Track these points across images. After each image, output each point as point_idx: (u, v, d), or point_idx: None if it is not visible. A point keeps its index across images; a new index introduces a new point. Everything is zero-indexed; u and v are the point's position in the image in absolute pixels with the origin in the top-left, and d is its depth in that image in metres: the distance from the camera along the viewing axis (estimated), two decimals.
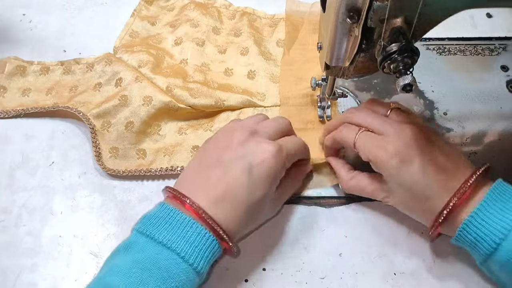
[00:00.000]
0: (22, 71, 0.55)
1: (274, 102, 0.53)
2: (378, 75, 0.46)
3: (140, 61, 0.54)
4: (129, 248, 0.35)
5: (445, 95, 0.53)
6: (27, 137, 0.51)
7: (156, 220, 0.36)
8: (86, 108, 0.51)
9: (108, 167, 0.48)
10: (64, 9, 0.63)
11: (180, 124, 0.52)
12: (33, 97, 0.54)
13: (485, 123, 0.51)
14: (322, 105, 0.51)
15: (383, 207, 0.46)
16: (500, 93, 0.53)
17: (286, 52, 0.57)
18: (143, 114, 0.50)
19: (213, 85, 0.54)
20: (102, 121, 0.50)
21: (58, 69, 0.56)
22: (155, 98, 0.50)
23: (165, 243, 0.35)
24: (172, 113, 0.51)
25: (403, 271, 0.42)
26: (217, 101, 0.51)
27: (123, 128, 0.49)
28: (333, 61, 0.39)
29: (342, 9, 0.33)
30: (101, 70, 0.54)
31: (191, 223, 0.36)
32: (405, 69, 0.33)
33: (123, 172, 0.48)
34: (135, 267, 0.34)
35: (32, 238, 0.45)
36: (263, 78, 0.55)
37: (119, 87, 0.52)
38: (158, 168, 0.48)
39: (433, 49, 0.57)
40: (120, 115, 0.50)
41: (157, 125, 0.51)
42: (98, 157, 0.48)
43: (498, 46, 0.57)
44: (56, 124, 0.52)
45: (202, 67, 0.56)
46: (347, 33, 0.35)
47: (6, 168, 0.49)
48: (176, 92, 0.51)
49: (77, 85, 0.54)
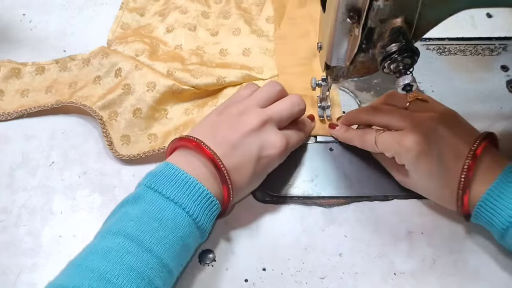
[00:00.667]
0: (17, 73, 0.55)
1: (272, 74, 0.55)
2: (378, 75, 0.46)
3: (136, 50, 0.55)
4: (138, 200, 0.38)
5: (445, 95, 0.53)
6: (27, 137, 0.51)
7: (162, 177, 0.39)
8: (90, 101, 0.51)
9: (122, 154, 0.49)
10: (64, 9, 0.63)
11: (185, 106, 0.53)
12: (32, 97, 0.54)
13: (485, 123, 0.51)
14: (322, 105, 0.51)
15: (383, 207, 0.46)
16: (500, 93, 0.53)
17: (277, 27, 0.59)
18: (149, 100, 0.51)
19: (211, 65, 0.55)
20: (109, 112, 0.50)
21: (53, 68, 0.56)
22: (158, 83, 0.51)
23: (172, 198, 0.37)
24: (177, 96, 0.52)
25: (403, 271, 0.42)
26: (218, 79, 0.53)
27: (131, 116, 0.50)
28: (333, 61, 0.39)
29: (342, 9, 0.33)
30: (98, 63, 0.54)
31: (195, 183, 0.38)
32: (405, 69, 0.33)
33: (137, 155, 0.49)
34: (145, 216, 0.36)
35: (32, 238, 0.45)
36: (258, 54, 0.57)
37: (120, 77, 0.52)
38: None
39: (433, 49, 0.57)
40: (126, 104, 0.50)
41: (163, 110, 0.52)
42: (110, 146, 0.49)
43: (498, 46, 0.57)
44: (56, 124, 0.52)
45: (197, 50, 0.57)
46: (347, 33, 0.35)
47: (6, 168, 0.49)
48: (177, 75, 0.52)
49: (76, 80, 0.55)
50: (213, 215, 0.40)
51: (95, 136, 0.51)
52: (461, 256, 0.43)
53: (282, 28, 0.59)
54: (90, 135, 0.51)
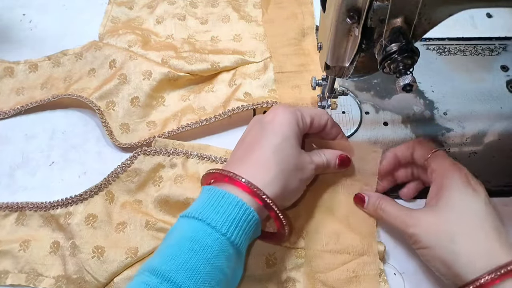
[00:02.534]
0: (10, 72, 0.55)
1: (264, 56, 0.55)
2: (378, 75, 0.46)
3: (129, 41, 0.55)
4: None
5: (445, 95, 0.53)
6: (27, 137, 0.51)
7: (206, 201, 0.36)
8: (86, 93, 0.52)
9: (122, 142, 0.49)
10: (64, 9, 0.63)
11: (182, 92, 0.53)
12: (28, 94, 0.54)
13: (485, 123, 0.51)
14: (322, 105, 0.51)
15: None
16: (500, 93, 0.53)
17: (265, 12, 0.60)
18: (146, 88, 0.51)
19: (204, 52, 0.56)
20: (106, 102, 0.51)
21: (46, 64, 0.56)
22: (154, 71, 0.51)
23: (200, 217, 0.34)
24: (173, 83, 0.53)
25: (403, 271, 0.42)
26: (212, 64, 0.53)
27: (128, 105, 0.50)
28: (333, 61, 0.39)
29: (342, 9, 0.33)
30: (92, 56, 0.55)
31: (232, 198, 0.35)
32: (405, 69, 0.32)
33: (138, 142, 0.49)
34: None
35: None
36: (249, 39, 0.57)
37: (114, 68, 0.53)
38: (170, 130, 0.50)
39: (433, 49, 0.57)
40: (123, 93, 0.51)
41: (161, 97, 0.52)
42: (110, 135, 0.49)
43: (498, 46, 0.57)
44: (56, 124, 0.52)
45: (188, 39, 0.58)
46: (347, 33, 0.35)
47: (6, 168, 0.49)
48: (172, 62, 0.53)
49: (70, 75, 0.55)
50: (250, 227, 0.36)
51: (95, 136, 0.51)
52: None
53: (269, 13, 0.60)
54: (90, 135, 0.51)
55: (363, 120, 0.52)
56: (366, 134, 0.51)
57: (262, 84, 0.53)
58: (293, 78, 0.53)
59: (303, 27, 0.58)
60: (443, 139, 0.50)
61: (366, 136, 0.51)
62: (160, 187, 0.46)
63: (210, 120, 0.50)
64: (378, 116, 0.52)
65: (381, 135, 0.51)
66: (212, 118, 0.50)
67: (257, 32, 0.58)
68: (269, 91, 0.52)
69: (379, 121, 0.52)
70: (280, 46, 0.56)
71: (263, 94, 0.52)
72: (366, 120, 0.52)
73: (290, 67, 0.54)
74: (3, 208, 0.46)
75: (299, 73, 0.54)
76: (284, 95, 0.52)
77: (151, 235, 0.43)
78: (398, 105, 0.53)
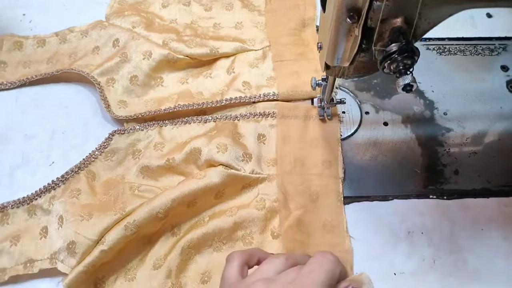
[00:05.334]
0: (19, 46, 0.57)
1: (264, 45, 0.56)
2: (378, 75, 0.46)
3: (133, 22, 0.57)
4: None
5: (445, 95, 0.53)
6: (27, 137, 0.51)
7: None
8: (89, 69, 0.53)
9: (119, 115, 0.51)
10: (64, 9, 0.63)
11: (180, 75, 0.55)
12: (34, 67, 0.56)
13: (485, 123, 0.51)
14: (322, 105, 0.51)
15: (383, 207, 0.46)
16: (500, 93, 0.53)
17: (268, 2, 0.61)
18: (146, 68, 0.52)
19: (205, 37, 0.57)
20: (106, 78, 0.52)
21: (54, 40, 0.58)
22: (154, 52, 0.53)
23: None
24: (172, 65, 0.54)
25: (403, 271, 0.42)
26: (211, 50, 0.54)
27: (128, 83, 0.52)
28: (333, 61, 0.39)
29: (342, 9, 0.33)
30: (97, 34, 0.56)
31: None
32: (405, 69, 0.32)
33: (134, 115, 0.50)
34: None
35: None
36: (250, 28, 0.58)
37: (117, 47, 0.54)
38: (167, 107, 0.51)
39: (433, 49, 0.57)
40: (123, 71, 0.52)
41: (159, 78, 0.54)
42: (108, 108, 0.51)
43: (498, 46, 0.57)
44: (56, 124, 0.52)
45: (191, 24, 0.59)
46: (347, 33, 0.35)
47: (6, 168, 0.49)
48: (172, 45, 0.54)
49: (75, 52, 0.57)
50: None
51: (95, 137, 0.51)
52: (461, 256, 0.43)
53: (272, 3, 0.61)
54: (90, 135, 0.51)
55: (363, 120, 0.52)
56: (366, 134, 0.51)
57: (261, 72, 0.54)
58: (292, 66, 0.55)
59: (304, 18, 0.59)
60: (443, 139, 0.50)
61: (366, 136, 0.51)
62: (140, 158, 0.48)
63: (206, 104, 0.51)
64: (378, 116, 0.52)
65: (381, 135, 0.51)
66: (209, 103, 0.51)
67: (258, 21, 0.59)
68: (268, 79, 0.53)
69: (379, 121, 0.52)
70: (280, 36, 0.57)
71: (262, 83, 0.53)
72: (366, 120, 0.52)
73: (289, 55, 0.55)
74: None
75: (298, 61, 0.55)
76: (283, 82, 0.53)
77: (136, 195, 0.45)
78: (398, 105, 0.53)
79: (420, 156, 0.49)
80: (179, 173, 0.47)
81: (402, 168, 0.48)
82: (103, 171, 0.48)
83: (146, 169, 0.47)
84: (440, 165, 0.49)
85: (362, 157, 0.49)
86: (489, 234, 0.44)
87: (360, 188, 0.47)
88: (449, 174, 0.48)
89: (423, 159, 0.49)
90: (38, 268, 0.42)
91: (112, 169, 0.48)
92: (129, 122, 0.51)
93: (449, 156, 0.49)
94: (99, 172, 0.48)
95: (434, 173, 0.48)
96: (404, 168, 0.48)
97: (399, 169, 0.48)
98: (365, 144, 0.50)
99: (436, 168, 0.48)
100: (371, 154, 0.49)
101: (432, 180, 0.48)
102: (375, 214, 0.46)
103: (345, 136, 0.50)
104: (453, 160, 0.49)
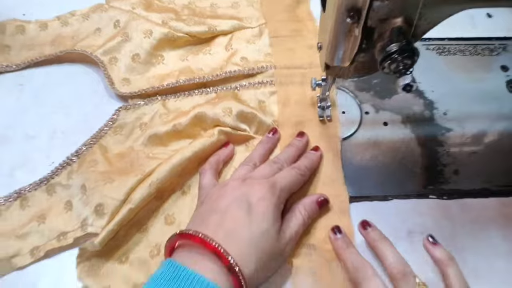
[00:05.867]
0: (22, 30, 0.58)
1: (260, 22, 0.59)
2: (378, 75, 0.45)
3: (133, 4, 0.59)
4: None
5: (445, 95, 0.53)
6: (27, 137, 0.51)
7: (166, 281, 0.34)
8: (92, 49, 0.55)
9: (123, 91, 0.53)
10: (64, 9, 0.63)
11: (180, 52, 0.57)
12: (38, 49, 0.57)
13: (485, 123, 0.51)
14: (322, 105, 0.51)
15: (383, 207, 0.46)
16: (500, 93, 0.53)
17: None
18: (147, 46, 0.54)
19: (203, 16, 0.59)
20: (109, 57, 0.55)
21: (56, 23, 0.59)
22: (154, 31, 0.55)
23: None
24: (172, 43, 0.56)
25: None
26: (210, 27, 0.57)
27: (130, 61, 0.54)
28: (333, 61, 0.39)
29: (342, 9, 0.33)
30: (98, 17, 0.58)
31: (197, 279, 0.34)
32: (405, 69, 0.33)
33: (138, 91, 0.53)
34: None
35: None
36: (246, 7, 0.61)
37: (118, 28, 0.56)
38: (169, 82, 0.53)
39: (433, 49, 0.57)
40: (125, 50, 0.55)
41: (160, 56, 0.56)
42: (112, 85, 0.53)
43: (498, 46, 0.57)
44: (56, 124, 0.52)
45: (189, 4, 0.61)
46: (347, 33, 0.35)
47: (6, 168, 0.49)
48: (171, 23, 0.56)
49: (77, 34, 0.58)
50: None
51: None
52: (461, 256, 0.43)
53: None
54: (90, 135, 0.51)
55: (363, 120, 0.52)
56: (366, 134, 0.51)
57: (258, 48, 0.56)
58: (288, 42, 0.57)
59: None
60: (443, 139, 0.50)
61: (366, 136, 0.51)
62: (148, 129, 0.50)
63: (207, 78, 0.53)
64: (378, 116, 0.52)
65: (381, 135, 0.51)
66: (209, 77, 0.53)
67: (254, 0, 0.62)
68: (265, 55, 0.56)
69: (379, 121, 0.52)
70: (276, 13, 0.60)
71: (259, 58, 0.56)
72: (366, 120, 0.52)
73: (285, 31, 0.58)
74: (1, 202, 0.46)
75: (293, 37, 0.57)
76: (279, 58, 0.55)
77: (151, 157, 0.48)
78: (398, 105, 0.53)
79: (420, 156, 0.49)
80: (187, 137, 0.50)
81: (402, 168, 0.48)
82: (114, 145, 0.50)
83: (154, 137, 0.49)
84: (440, 165, 0.49)
85: (362, 157, 0.49)
86: (489, 234, 0.44)
87: (360, 188, 0.47)
88: (449, 174, 0.48)
89: (422, 159, 0.49)
90: (72, 238, 0.43)
91: (122, 142, 0.50)
92: (134, 98, 0.53)
93: (449, 156, 0.49)
94: (110, 146, 0.50)
95: (434, 173, 0.48)
96: (404, 168, 0.48)
97: (399, 169, 0.48)
98: (365, 144, 0.50)
99: (436, 168, 0.48)
100: (371, 154, 0.49)
101: (432, 180, 0.48)
102: (375, 214, 0.45)
103: (345, 136, 0.50)
104: (453, 160, 0.49)
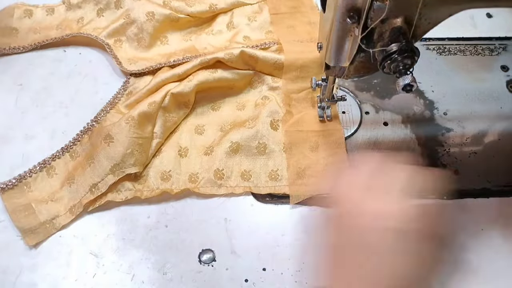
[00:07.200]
0: (29, 14, 0.60)
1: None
2: (378, 75, 0.46)
3: None
4: None
5: (445, 95, 0.53)
6: (27, 137, 0.51)
7: None
8: (97, 32, 0.57)
9: (130, 69, 0.54)
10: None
11: (183, 33, 0.59)
12: (44, 33, 0.58)
13: (485, 123, 0.51)
14: (322, 105, 0.51)
15: None
16: (500, 93, 0.53)
17: None
18: (150, 29, 0.56)
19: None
20: (114, 40, 0.57)
21: (61, 8, 0.60)
22: (156, 12, 0.56)
23: None
24: (174, 24, 0.58)
25: None
26: (210, 6, 0.58)
27: (135, 43, 0.56)
28: (333, 61, 0.39)
29: (342, 9, 0.33)
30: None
31: None
32: (405, 69, 0.33)
33: (145, 68, 0.54)
34: None
35: None
36: None
37: (121, 9, 0.58)
38: (176, 59, 0.55)
39: (433, 49, 0.57)
40: (129, 32, 0.56)
41: (164, 37, 0.58)
42: (119, 65, 0.55)
43: (498, 46, 0.57)
44: (56, 124, 0.52)
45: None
46: (347, 33, 0.35)
47: (6, 168, 0.49)
48: (173, 4, 0.58)
49: (82, 17, 0.59)
50: None
51: None
52: (461, 256, 0.43)
53: None
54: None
55: (363, 120, 0.52)
56: (366, 134, 0.51)
57: (259, 26, 0.58)
58: (287, 19, 0.59)
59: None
60: (443, 139, 0.50)
61: (366, 136, 0.51)
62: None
63: (213, 55, 0.53)
64: (378, 116, 0.52)
65: (381, 135, 0.51)
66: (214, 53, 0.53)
67: None
68: (266, 32, 0.58)
69: (379, 121, 0.52)
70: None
71: (261, 37, 0.57)
72: (366, 120, 0.52)
73: (284, 8, 0.60)
74: (27, 176, 0.47)
75: (292, 14, 0.60)
76: (281, 36, 0.56)
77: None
78: (398, 105, 0.53)
79: (420, 156, 0.49)
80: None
81: None
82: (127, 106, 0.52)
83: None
84: (440, 165, 0.49)
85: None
86: (489, 234, 0.44)
87: None
88: (449, 174, 0.48)
89: (423, 159, 0.49)
90: (106, 185, 0.45)
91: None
92: (142, 76, 0.54)
93: (449, 156, 0.49)
94: (123, 109, 0.52)
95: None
96: None
97: None
98: (365, 144, 0.50)
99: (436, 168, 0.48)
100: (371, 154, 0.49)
101: None
102: None
103: (345, 136, 0.50)
104: (453, 160, 0.49)
